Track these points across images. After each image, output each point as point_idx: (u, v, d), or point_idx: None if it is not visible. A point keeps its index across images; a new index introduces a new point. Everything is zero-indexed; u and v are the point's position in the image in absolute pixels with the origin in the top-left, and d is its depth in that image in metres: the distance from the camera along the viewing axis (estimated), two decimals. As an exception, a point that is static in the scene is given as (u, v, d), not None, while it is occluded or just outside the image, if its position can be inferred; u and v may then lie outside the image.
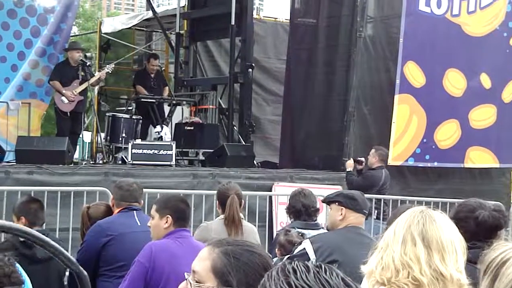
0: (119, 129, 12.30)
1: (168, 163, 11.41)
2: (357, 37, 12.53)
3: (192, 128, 12.92)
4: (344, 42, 12.78)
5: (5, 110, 12.16)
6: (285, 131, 13.85)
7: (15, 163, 10.60)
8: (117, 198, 5.74)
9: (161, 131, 12.42)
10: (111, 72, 13.11)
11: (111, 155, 12.51)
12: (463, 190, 12.31)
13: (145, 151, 11.38)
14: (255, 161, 12.80)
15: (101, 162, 12.78)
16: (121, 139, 12.21)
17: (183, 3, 15.91)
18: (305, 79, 13.33)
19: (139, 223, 5.47)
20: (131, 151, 11.32)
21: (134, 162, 11.25)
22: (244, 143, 13.15)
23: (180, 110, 13.45)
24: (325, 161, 12.62)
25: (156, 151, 11.43)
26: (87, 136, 17.72)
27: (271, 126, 15.82)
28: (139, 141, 11.78)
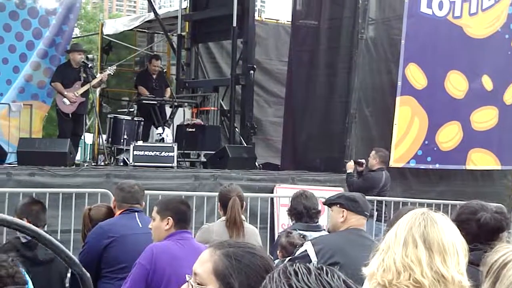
0: (121, 131, 12.29)
1: (169, 165, 11.41)
2: (359, 39, 12.53)
3: (193, 129, 12.92)
4: (345, 44, 12.78)
5: (6, 111, 12.17)
6: (286, 132, 13.85)
7: (16, 165, 10.59)
8: (119, 199, 5.73)
9: (162, 133, 12.43)
10: (112, 74, 13.10)
11: (113, 157, 12.50)
12: (464, 192, 12.30)
13: (146, 153, 11.38)
14: (257, 163, 12.79)
15: (102, 163, 12.76)
16: (122, 140, 12.21)
17: (185, 4, 15.92)
18: (306, 80, 13.33)
19: (141, 225, 5.47)
20: (133, 153, 11.31)
21: (135, 163, 11.24)
22: (245, 145, 13.14)
23: (181, 111, 13.44)
24: (326, 163, 12.62)
25: (157, 153, 11.43)
26: (88, 137, 17.72)
27: (273, 127, 15.82)
28: (140, 143, 11.76)
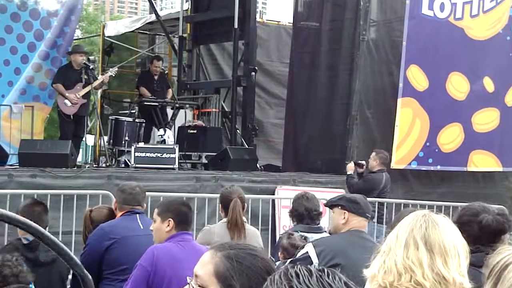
0: (122, 132, 12.29)
1: (171, 167, 11.42)
2: (360, 41, 12.54)
3: (195, 131, 12.92)
4: (347, 45, 12.79)
5: (8, 113, 12.18)
6: (288, 134, 13.85)
7: (18, 166, 10.60)
8: (120, 201, 5.73)
9: (164, 135, 12.43)
10: (114, 75, 13.10)
11: (114, 159, 12.50)
12: (466, 193, 12.28)
13: (148, 155, 11.38)
14: (258, 165, 12.80)
15: (104, 165, 12.77)
16: (124, 142, 12.21)
17: (186, 6, 15.93)
18: (308, 82, 13.33)
19: (142, 227, 5.47)
20: (134, 154, 11.32)
21: (137, 165, 11.25)
22: (247, 147, 13.15)
23: (183, 113, 13.44)
24: (328, 165, 12.62)
25: (159, 155, 11.43)
26: (90, 139, 17.70)
27: (274, 129, 15.82)
28: (142, 144, 11.78)
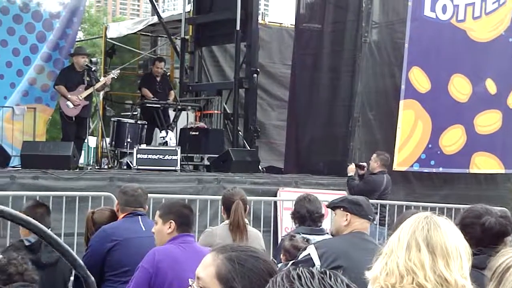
0: (124, 134, 12.30)
1: (173, 168, 11.41)
2: (362, 43, 12.53)
3: (197, 133, 12.92)
4: (349, 47, 12.78)
5: (10, 115, 12.19)
6: (290, 136, 13.85)
7: (20, 168, 10.61)
8: (122, 203, 5.73)
9: (166, 136, 12.42)
10: (116, 77, 13.11)
11: (116, 160, 12.51)
12: (468, 195, 12.27)
13: (150, 156, 11.38)
14: (260, 166, 12.79)
15: (106, 167, 12.77)
16: (126, 144, 12.21)
17: (188, 8, 15.93)
18: (310, 84, 13.33)
19: (144, 228, 5.46)
20: (136, 156, 11.32)
21: (139, 167, 11.25)
22: (249, 148, 13.14)
23: (185, 115, 13.44)
24: (330, 167, 12.61)
25: (161, 156, 11.43)
26: (92, 141, 17.70)
27: (276, 131, 15.82)
28: (144, 146, 11.78)
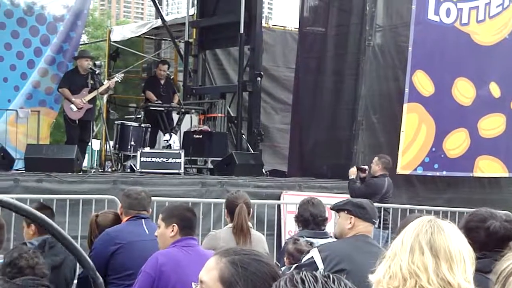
0: (128, 137, 12.31)
1: (176, 172, 11.42)
2: (366, 46, 12.53)
3: (200, 136, 12.93)
4: (353, 50, 12.79)
5: (14, 118, 12.21)
6: (293, 139, 13.85)
7: (24, 171, 10.63)
8: (126, 206, 5.73)
9: (169, 139, 12.43)
10: (120, 81, 13.13)
11: (120, 163, 12.51)
12: (472, 199, 12.25)
13: (153, 159, 11.39)
14: (264, 170, 12.80)
15: (109, 170, 12.78)
16: (129, 147, 12.22)
17: (192, 11, 15.95)
18: (313, 87, 13.34)
19: (148, 232, 5.46)
20: (140, 159, 11.33)
21: (142, 170, 11.26)
22: (252, 152, 13.15)
23: (188, 118, 13.46)
24: (333, 170, 12.60)
25: (164, 159, 11.44)
26: (96, 144, 17.73)
27: (280, 134, 15.83)
28: (147, 149, 11.78)
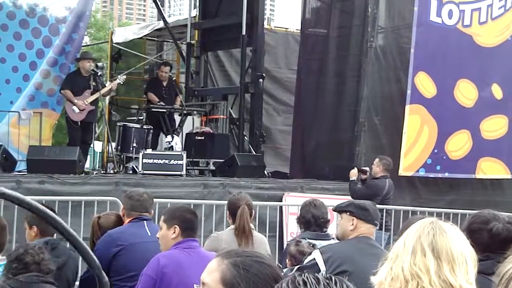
0: (130, 139, 12.30)
1: (178, 173, 11.42)
2: (368, 47, 12.52)
3: (202, 138, 12.93)
4: (355, 52, 12.78)
5: (16, 119, 12.22)
6: (295, 141, 13.84)
7: (26, 173, 10.63)
8: (128, 208, 5.73)
9: (171, 141, 12.43)
10: (122, 83, 13.12)
11: (122, 165, 12.51)
12: (474, 201, 12.23)
13: (155, 161, 11.39)
14: (266, 171, 12.79)
15: (112, 171, 12.78)
16: (132, 148, 12.21)
17: (194, 13, 15.96)
18: (315, 89, 13.33)
19: (150, 233, 5.46)
20: (142, 161, 11.33)
21: (144, 172, 11.26)
22: (254, 153, 13.14)
23: (190, 120, 13.44)
24: (335, 171, 12.58)
25: (166, 161, 11.44)
26: (98, 145, 17.73)
27: (282, 136, 15.82)
28: (149, 151, 11.78)
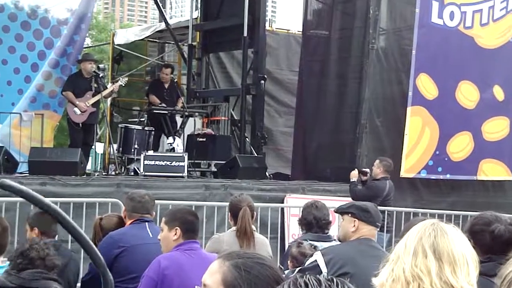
0: (132, 141, 12.30)
1: (180, 175, 11.42)
2: (370, 49, 12.52)
3: (204, 139, 12.92)
4: (356, 54, 12.78)
5: (18, 121, 12.22)
6: (297, 142, 13.84)
7: (28, 174, 10.64)
8: (129, 209, 5.73)
9: (173, 143, 12.42)
10: (124, 85, 13.10)
11: (124, 167, 12.51)
12: (476, 202, 12.23)
13: (157, 163, 11.39)
14: (267, 173, 12.79)
15: (113, 173, 12.79)
16: (133, 150, 12.22)
17: (196, 15, 15.95)
18: (317, 90, 13.33)
19: (151, 235, 5.46)
20: (143, 163, 11.33)
21: (146, 173, 11.26)
22: (256, 155, 13.14)
23: (192, 121, 13.44)
24: (337, 173, 12.57)
25: (168, 163, 11.43)
26: (99, 147, 17.74)
27: (283, 137, 15.82)
28: (151, 153, 11.78)
